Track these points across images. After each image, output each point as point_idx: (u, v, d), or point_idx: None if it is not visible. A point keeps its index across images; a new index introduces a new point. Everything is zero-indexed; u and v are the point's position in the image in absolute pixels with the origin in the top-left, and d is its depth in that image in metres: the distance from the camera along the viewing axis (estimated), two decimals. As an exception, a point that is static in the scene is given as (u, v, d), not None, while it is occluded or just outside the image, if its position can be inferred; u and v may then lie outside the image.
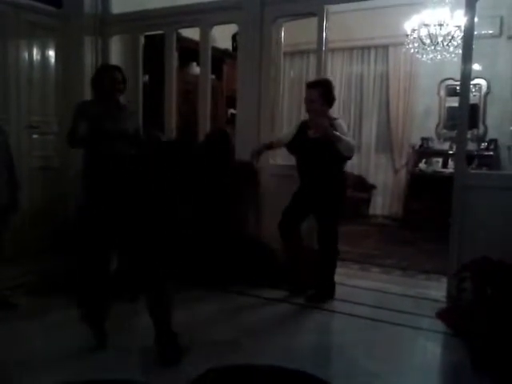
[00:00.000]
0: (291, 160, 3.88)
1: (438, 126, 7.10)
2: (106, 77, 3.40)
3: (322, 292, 3.64)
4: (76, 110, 3.41)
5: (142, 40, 4.88)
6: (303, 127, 3.69)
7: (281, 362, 2.62)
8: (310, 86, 3.61)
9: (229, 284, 3.81)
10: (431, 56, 5.77)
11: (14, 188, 3.33)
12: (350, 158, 3.58)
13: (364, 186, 7.48)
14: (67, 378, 2.43)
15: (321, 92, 3.52)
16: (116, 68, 3.56)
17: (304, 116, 4.00)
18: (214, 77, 5.07)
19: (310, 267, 3.75)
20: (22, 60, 4.48)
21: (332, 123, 3.52)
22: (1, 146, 3.26)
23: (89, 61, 4.79)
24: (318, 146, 3.49)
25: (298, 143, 3.67)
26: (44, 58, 4.70)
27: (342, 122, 3.62)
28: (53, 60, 4.77)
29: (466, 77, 3.57)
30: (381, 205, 7.50)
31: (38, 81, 4.64)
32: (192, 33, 4.78)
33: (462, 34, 3.92)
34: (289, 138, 3.78)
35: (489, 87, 6.62)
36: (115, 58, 5.02)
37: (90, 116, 3.27)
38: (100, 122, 3.27)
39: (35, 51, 4.60)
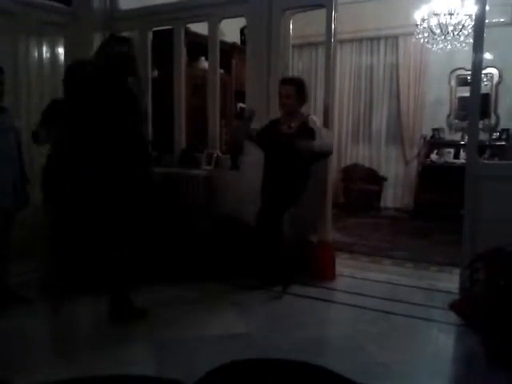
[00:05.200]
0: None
1: (449, 116, 7.04)
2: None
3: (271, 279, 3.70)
4: None
5: (151, 35, 4.88)
6: (274, 124, 3.73)
7: (292, 354, 2.64)
8: (286, 82, 3.71)
9: (240, 278, 3.83)
10: (441, 46, 5.71)
11: (23, 184, 3.39)
12: (328, 154, 3.73)
13: (375, 178, 7.45)
14: (78, 372, 2.46)
15: (296, 89, 3.63)
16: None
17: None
18: (222, 71, 5.06)
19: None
20: (32, 58, 4.51)
21: (306, 119, 3.62)
22: (12, 143, 3.30)
23: (98, 57, 4.81)
24: (287, 142, 3.54)
25: (269, 138, 3.69)
26: (54, 55, 4.72)
27: (315, 118, 3.71)
28: (62, 57, 4.79)
29: (478, 66, 3.52)
30: (392, 197, 7.47)
31: (47, 78, 4.66)
32: (200, 27, 4.77)
33: (473, 22, 3.88)
34: (254, 132, 3.80)
35: (500, 76, 6.55)
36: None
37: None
38: None
39: (45, 49, 4.63)
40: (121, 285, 3.06)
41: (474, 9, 3.98)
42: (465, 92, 5.90)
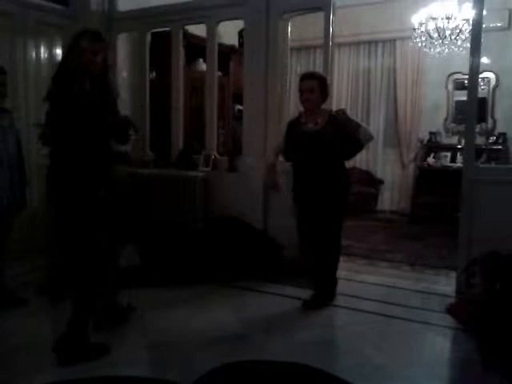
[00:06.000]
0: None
1: (446, 120, 7.06)
2: None
3: (322, 295, 3.52)
4: None
5: (149, 37, 4.89)
6: (293, 125, 3.54)
7: (290, 357, 2.64)
8: (308, 76, 3.48)
9: (238, 279, 3.82)
10: (439, 50, 5.73)
11: (22, 185, 3.38)
12: (363, 146, 3.43)
13: (372, 181, 7.46)
14: (75, 374, 2.46)
15: (318, 83, 3.41)
16: None
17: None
18: (220, 73, 5.07)
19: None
20: (30, 58, 4.49)
21: (334, 113, 3.50)
22: (12, 143, 3.29)
23: (96, 58, 4.81)
24: (317, 139, 3.35)
25: (292, 141, 3.49)
26: (51, 56, 4.71)
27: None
28: (60, 58, 4.78)
29: (475, 70, 3.54)
30: (389, 200, 7.47)
31: (45, 79, 4.64)
32: (198, 29, 4.78)
33: (470, 27, 3.89)
34: (282, 146, 3.59)
35: (497, 80, 6.56)
36: (122, 55, 5.03)
37: None
38: None
39: (43, 50, 4.62)
40: (107, 286, 2.96)
41: (471, 13, 3.99)
42: (462, 96, 5.91)
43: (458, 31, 5.46)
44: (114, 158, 3.49)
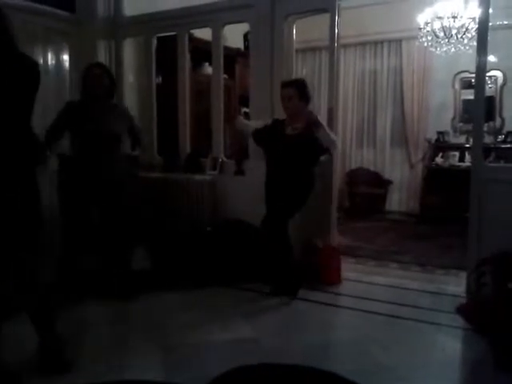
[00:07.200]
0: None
1: (453, 119, 7.03)
2: (86, 75, 3.52)
3: (282, 287, 3.65)
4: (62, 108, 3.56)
5: (155, 42, 4.91)
6: (278, 125, 3.67)
7: (299, 359, 2.63)
8: (287, 84, 3.65)
9: (247, 282, 3.82)
10: (445, 49, 5.71)
11: None
12: (329, 151, 3.68)
13: (380, 182, 7.44)
14: (86, 379, 2.46)
15: (297, 90, 3.56)
16: (96, 65, 3.68)
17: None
18: (226, 76, 5.08)
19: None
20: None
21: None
22: None
23: (102, 64, 4.85)
24: (295, 143, 3.51)
25: (273, 139, 3.64)
26: (58, 62, 4.75)
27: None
28: (67, 64, 4.82)
29: (482, 69, 3.52)
30: (397, 200, 7.45)
31: (52, 85, 4.68)
32: (204, 33, 4.79)
33: (477, 25, 3.87)
34: (259, 125, 3.76)
35: (505, 79, 6.54)
36: (128, 60, 5.06)
37: (72, 116, 3.44)
38: (80, 123, 3.42)
39: (50, 56, 4.66)
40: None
41: (477, 12, 3.97)
42: (469, 95, 5.89)
43: (464, 30, 5.44)
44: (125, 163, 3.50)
